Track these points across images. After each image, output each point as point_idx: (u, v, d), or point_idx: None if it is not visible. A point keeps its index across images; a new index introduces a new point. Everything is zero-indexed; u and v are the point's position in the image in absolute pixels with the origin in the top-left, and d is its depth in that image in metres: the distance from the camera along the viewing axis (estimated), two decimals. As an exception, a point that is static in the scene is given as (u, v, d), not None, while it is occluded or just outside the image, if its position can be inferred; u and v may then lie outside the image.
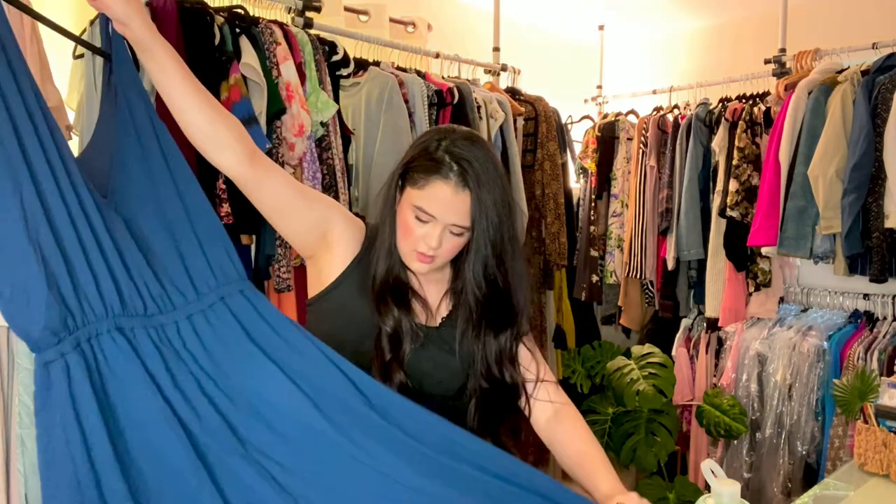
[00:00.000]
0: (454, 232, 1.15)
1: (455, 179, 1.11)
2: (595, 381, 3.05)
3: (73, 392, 0.80)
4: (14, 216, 0.79)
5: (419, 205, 1.13)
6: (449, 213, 1.12)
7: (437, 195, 1.12)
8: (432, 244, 1.13)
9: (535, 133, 2.79)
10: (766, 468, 2.73)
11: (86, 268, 0.85)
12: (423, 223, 1.14)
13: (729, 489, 1.13)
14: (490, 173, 1.13)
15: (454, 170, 1.11)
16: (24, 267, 0.80)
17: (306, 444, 0.91)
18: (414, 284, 1.24)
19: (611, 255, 3.37)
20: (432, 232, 1.13)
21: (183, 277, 0.96)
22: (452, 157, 1.12)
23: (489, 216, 1.13)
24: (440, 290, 1.27)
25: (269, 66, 1.86)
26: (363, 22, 2.66)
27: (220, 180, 1.76)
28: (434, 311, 1.24)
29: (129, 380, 0.85)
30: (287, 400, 0.93)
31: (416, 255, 1.16)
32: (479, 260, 1.17)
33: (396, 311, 1.17)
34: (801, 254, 2.43)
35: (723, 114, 2.81)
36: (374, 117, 2.16)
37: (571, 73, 3.95)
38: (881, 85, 2.28)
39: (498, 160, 1.19)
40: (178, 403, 0.87)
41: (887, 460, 1.61)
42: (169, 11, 1.69)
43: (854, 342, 2.54)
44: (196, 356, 0.92)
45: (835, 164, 2.31)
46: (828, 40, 2.71)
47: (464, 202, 1.12)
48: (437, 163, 1.12)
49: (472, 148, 1.13)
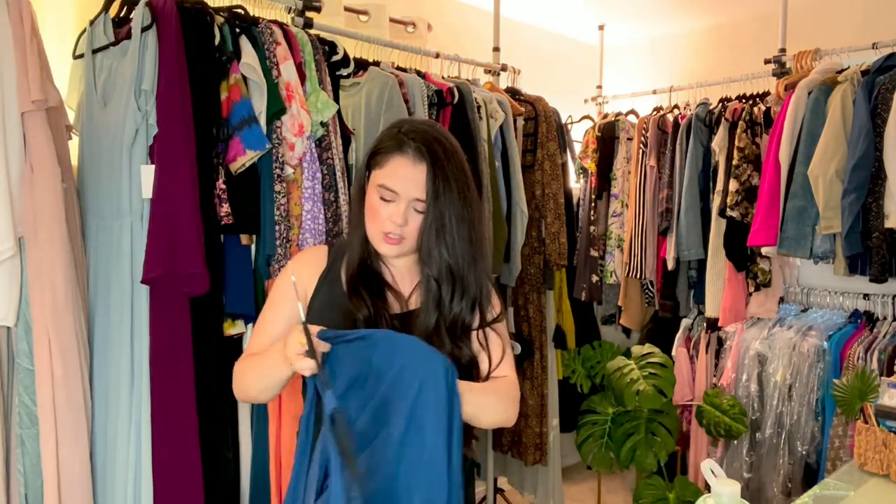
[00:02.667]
0: (418, 209, 1.19)
1: (412, 153, 1.18)
2: (595, 381, 3.05)
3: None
4: None
5: (382, 182, 1.19)
6: (410, 186, 1.18)
7: (397, 171, 1.19)
8: (398, 220, 1.18)
9: (535, 133, 2.79)
10: (766, 468, 2.73)
11: None
12: (388, 203, 1.19)
13: (729, 489, 1.13)
14: (446, 150, 1.19)
15: (411, 145, 1.18)
16: None
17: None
18: (387, 276, 1.28)
19: (611, 255, 3.37)
20: (396, 210, 1.19)
21: None
22: (410, 135, 1.19)
23: (445, 188, 1.17)
24: (412, 281, 1.30)
25: (269, 66, 1.86)
26: (363, 22, 2.66)
27: (219, 180, 1.77)
28: (406, 302, 1.28)
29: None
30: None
31: (383, 236, 1.20)
32: (429, 232, 1.19)
33: (369, 300, 1.22)
34: (801, 254, 2.43)
35: (723, 114, 2.81)
36: (374, 117, 2.15)
37: (571, 73, 3.95)
38: (881, 85, 2.28)
39: (458, 145, 1.24)
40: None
41: (887, 460, 1.61)
42: (169, 11, 1.69)
43: (854, 342, 2.54)
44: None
45: (835, 164, 2.31)
46: (828, 40, 2.71)
47: (421, 174, 1.18)
48: (397, 142, 1.20)
49: (427, 128, 1.22)
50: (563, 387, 3.02)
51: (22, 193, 1.56)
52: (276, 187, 1.83)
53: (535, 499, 2.95)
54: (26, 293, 1.59)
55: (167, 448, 1.68)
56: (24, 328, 1.60)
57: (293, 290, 1.21)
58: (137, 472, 1.68)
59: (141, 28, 1.69)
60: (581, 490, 3.56)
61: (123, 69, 1.71)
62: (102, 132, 1.73)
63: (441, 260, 1.20)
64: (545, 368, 2.83)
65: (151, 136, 1.69)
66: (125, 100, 1.68)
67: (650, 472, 2.71)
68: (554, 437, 2.90)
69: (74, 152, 1.81)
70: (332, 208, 1.96)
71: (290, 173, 1.89)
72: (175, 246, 1.63)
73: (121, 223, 1.70)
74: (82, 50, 1.81)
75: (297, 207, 1.90)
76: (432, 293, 1.22)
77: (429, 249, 1.20)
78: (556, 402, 2.92)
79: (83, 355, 1.65)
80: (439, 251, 1.20)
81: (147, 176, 1.68)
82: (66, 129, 1.76)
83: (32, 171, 1.56)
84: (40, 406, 1.59)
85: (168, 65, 1.67)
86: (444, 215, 1.18)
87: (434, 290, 1.22)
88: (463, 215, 1.19)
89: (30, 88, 1.54)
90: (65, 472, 1.60)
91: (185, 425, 1.69)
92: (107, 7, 1.79)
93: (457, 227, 1.19)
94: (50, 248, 1.57)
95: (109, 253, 1.72)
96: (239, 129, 1.76)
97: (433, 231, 1.19)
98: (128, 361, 1.70)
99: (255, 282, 1.88)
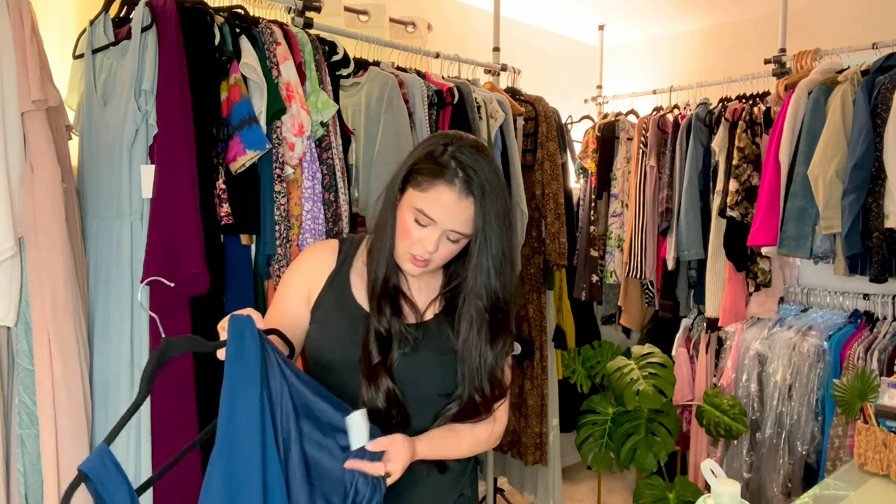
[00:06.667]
0: (451, 238, 1.14)
1: (460, 185, 1.11)
2: (595, 381, 3.05)
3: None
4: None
5: (420, 207, 1.12)
6: (450, 219, 1.12)
7: (439, 199, 1.11)
8: (429, 248, 1.13)
9: (535, 133, 2.79)
10: (766, 468, 2.73)
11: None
12: (422, 226, 1.13)
13: (729, 489, 1.13)
14: (494, 184, 1.13)
15: (459, 176, 1.11)
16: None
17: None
18: (404, 286, 1.24)
19: (611, 255, 3.37)
20: (430, 236, 1.13)
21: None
22: (458, 164, 1.11)
23: (492, 226, 1.13)
24: (430, 294, 1.26)
25: (269, 66, 1.86)
26: (363, 22, 2.66)
27: (220, 180, 1.77)
28: (422, 314, 1.24)
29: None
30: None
31: (410, 257, 1.16)
32: (482, 270, 1.16)
33: (389, 315, 1.18)
34: (801, 254, 2.43)
35: (723, 114, 2.81)
36: (374, 117, 2.15)
37: (571, 73, 3.95)
38: (881, 85, 2.28)
39: (500, 172, 1.18)
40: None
41: (887, 460, 1.61)
42: (169, 11, 1.69)
43: (854, 342, 2.54)
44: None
45: (835, 164, 2.31)
46: (828, 40, 2.71)
47: (466, 209, 1.12)
48: (443, 167, 1.11)
49: (477, 157, 1.13)
50: (563, 387, 3.02)
51: (22, 193, 1.56)
52: (276, 187, 1.84)
53: (535, 499, 2.95)
54: (26, 293, 1.59)
55: (167, 448, 1.67)
56: (24, 328, 1.60)
57: (299, 288, 1.21)
58: (137, 473, 1.68)
59: (141, 28, 1.69)
60: (581, 490, 3.57)
61: (123, 69, 1.71)
62: (102, 132, 1.73)
63: (492, 297, 1.18)
64: (545, 368, 2.84)
65: (151, 136, 1.69)
66: (125, 100, 1.68)
67: (650, 472, 2.71)
68: (554, 437, 2.90)
69: (74, 152, 1.81)
70: (332, 208, 1.96)
71: (290, 173, 1.89)
72: (175, 246, 1.63)
73: (121, 223, 1.70)
74: (82, 50, 1.81)
75: (297, 207, 1.90)
76: (472, 330, 1.19)
77: (471, 283, 1.17)
78: (556, 402, 2.92)
79: (83, 355, 1.65)
80: (480, 287, 1.17)
81: (147, 176, 1.68)
82: (66, 129, 1.76)
83: (32, 171, 1.56)
84: (40, 406, 1.59)
85: (168, 65, 1.67)
86: (487, 254, 1.15)
87: (472, 322, 1.19)
88: (506, 249, 1.16)
89: (30, 88, 1.54)
90: (65, 472, 1.60)
91: (185, 432, 1.69)
92: (107, 7, 1.80)
93: (503, 261, 1.16)
94: (50, 248, 1.57)
95: (109, 253, 1.72)
96: (239, 129, 1.76)
97: (476, 265, 1.16)
98: (128, 361, 1.70)
99: (255, 282, 1.88)
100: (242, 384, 0.98)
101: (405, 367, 1.18)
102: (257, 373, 0.99)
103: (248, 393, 0.98)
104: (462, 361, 1.19)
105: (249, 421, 0.98)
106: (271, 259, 1.86)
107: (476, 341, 1.19)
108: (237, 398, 0.97)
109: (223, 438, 0.97)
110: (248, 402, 0.98)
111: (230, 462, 0.97)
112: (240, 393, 0.98)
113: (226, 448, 0.97)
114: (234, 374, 0.98)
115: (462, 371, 1.19)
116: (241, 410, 0.98)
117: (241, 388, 0.98)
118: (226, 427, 0.97)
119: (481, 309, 1.18)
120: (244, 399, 0.98)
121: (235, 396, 0.97)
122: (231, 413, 0.97)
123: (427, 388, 1.20)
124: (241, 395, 0.98)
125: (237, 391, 0.98)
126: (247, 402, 0.98)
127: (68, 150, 1.74)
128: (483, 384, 1.19)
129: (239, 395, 0.98)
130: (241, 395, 0.98)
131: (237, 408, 0.97)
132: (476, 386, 1.19)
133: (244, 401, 0.98)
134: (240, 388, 0.98)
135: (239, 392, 0.98)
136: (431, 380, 1.20)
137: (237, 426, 0.97)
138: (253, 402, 0.98)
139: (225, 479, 0.96)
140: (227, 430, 0.97)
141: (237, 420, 0.97)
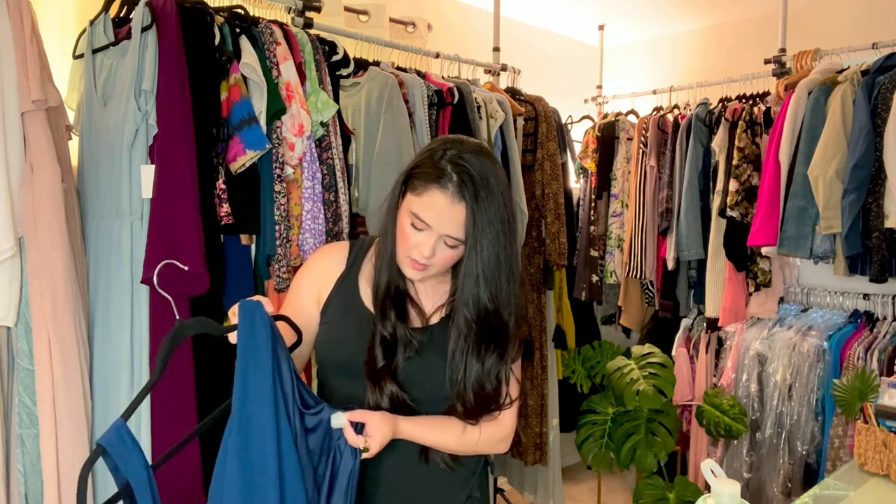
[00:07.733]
0: (448, 243, 1.13)
1: (452, 190, 1.09)
2: (595, 381, 3.05)
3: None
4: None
5: (416, 211, 1.12)
6: (443, 224, 1.11)
7: (432, 204, 1.10)
8: (425, 253, 1.12)
9: (535, 133, 2.79)
10: (766, 468, 2.73)
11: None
12: (418, 231, 1.13)
13: (729, 489, 1.13)
14: (491, 189, 1.11)
15: (453, 180, 1.10)
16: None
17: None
18: (411, 290, 1.23)
19: (611, 255, 3.37)
20: (426, 240, 1.12)
21: None
22: (454, 168, 1.10)
23: (484, 232, 1.10)
24: (438, 299, 1.25)
25: (269, 66, 1.86)
26: (363, 22, 2.66)
27: (220, 180, 1.77)
28: (428, 318, 1.23)
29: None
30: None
31: (409, 261, 1.15)
32: (470, 276, 1.13)
33: (394, 319, 1.18)
34: (801, 254, 2.43)
35: (723, 114, 2.81)
36: (374, 117, 2.15)
37: (571, 73, 3.95)
38: (881, 85, 2.28)
39: (503, 177, 1.16)
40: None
41: (887, 460, 1.61)
42: (169, 11, 1.69)
43: (854, 342, 2.54)
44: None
45: (835, 164, 2.31)
46: (828, 40, 2.71)
47: (459, 214, 1.10)
48: (439, 171, 1.10)
49: (476, 161, 1.11)
50: (563, 387, 3.02)
51: (22, 193, 1.56)
52: (276, 187, 1.83)
53: (535, 499, 2.95)
54: (26, 293, 1.59)
55: (166, 442, 1.67)
56: (24, 328, 1.60)
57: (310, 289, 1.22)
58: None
59: (141, 28, 1.69)
60: (581, 490, 3.56)
61: (123, 69, 1.71)
62: (102, 132, 1.73)
63: (479, 305, 1.15)
64: (545, 368, 2.83)
65: (151, 136, 1.69)
66: (125, 100, 1.68)
67: (650, 472, 2.71)
68: (554, 436, 2.90)
69: (74, 152, 1.81)
70: (332, 208, 1.96)
71: (290, 173, 1.89)
72: (175, 246, 1.63)
73: (121, 223, 1.70)
74: (82, 50, 1.81)
75: (297, 207, 1.90)
76: (460, 340, 1.17)
77: (458, 292, 1.15)
78: (556, 402, 2.92)
79: (83, 355, 1.65)
80: (466, 294, 1.14)
81: (147, 176, 1.68)
82: (66, 129, 1.76)
83: (32, 171, 1.56)
84: (40, 406, 1.59)
85: (168, 65, 1.67)
86: (477, 260, 1.12)
87: (459, 333, 1.17)
88: (501, 256, 1.13)
89: (30, 88, 1.54)
90: (65, 472, 1.60)
91: (184, 425, 1.69)
92: (107, 7, 1.79)
93: (495, 269, 1.13)
94: (50, 248, 1.57)
95: (109, 253, 1.72)
96: (239, 129, 1.76)
97: (465, 273, 1.14)
98: (128, 361, 1.70)
99: (255, 282, 1.88)
100: (253, 368, 1.00)
101: (409, 370, 1.18)
102: (269, 356, 1.00)
103: (260, 377, 1.00)
104: (449, 368, 1.18)
105: (263, 404, 0.99)
106: (271, 259, 1.86)
107: (462, 350, 1.16)
108: (249, 381, 1.00)
109: (237, 421, 0.99)
110: (261, 386, 1.00)
111: (244, 448, 0.99)
112: (252, 377, 1.00)
113: (241, 433, 0.99)
114: (246, 358, 0.99)
115: (449, 377, 1.18)
116: (253, 393, 0.99)
117: (252, 371, 1.00)
118: (239, 409, 0.99)
119: (468, 318, 1.15)
120: (256, 382, 1.00)
121: (247, 380, 1.00)
122: (244, 395, 0.99)
123: (431, 393, 1.19)
124: (253, 379, 1.00)
125: (248, 374, 1.00)
126: (258, 385, 1.00)
127: (68, 150, 1.74)
128: (466, 393, 1.17)
129: (251, 379, 1.00)
130: (252, 379, 1.00)
131: (249, 390, 0.99)
132: (458, 394, 1.17)
133: (256, 384, 1.00)
134: (252, 371, 1.00)
135: (251, 376, 1.00)
136: (435, 384, 1.19)
137: (250, 410, 1.00)
138: (265, 386, 1.00)
139: (241, 463, 0.98)
140: (241, 414, 0.99)
141: (250, 402, 1.00)
